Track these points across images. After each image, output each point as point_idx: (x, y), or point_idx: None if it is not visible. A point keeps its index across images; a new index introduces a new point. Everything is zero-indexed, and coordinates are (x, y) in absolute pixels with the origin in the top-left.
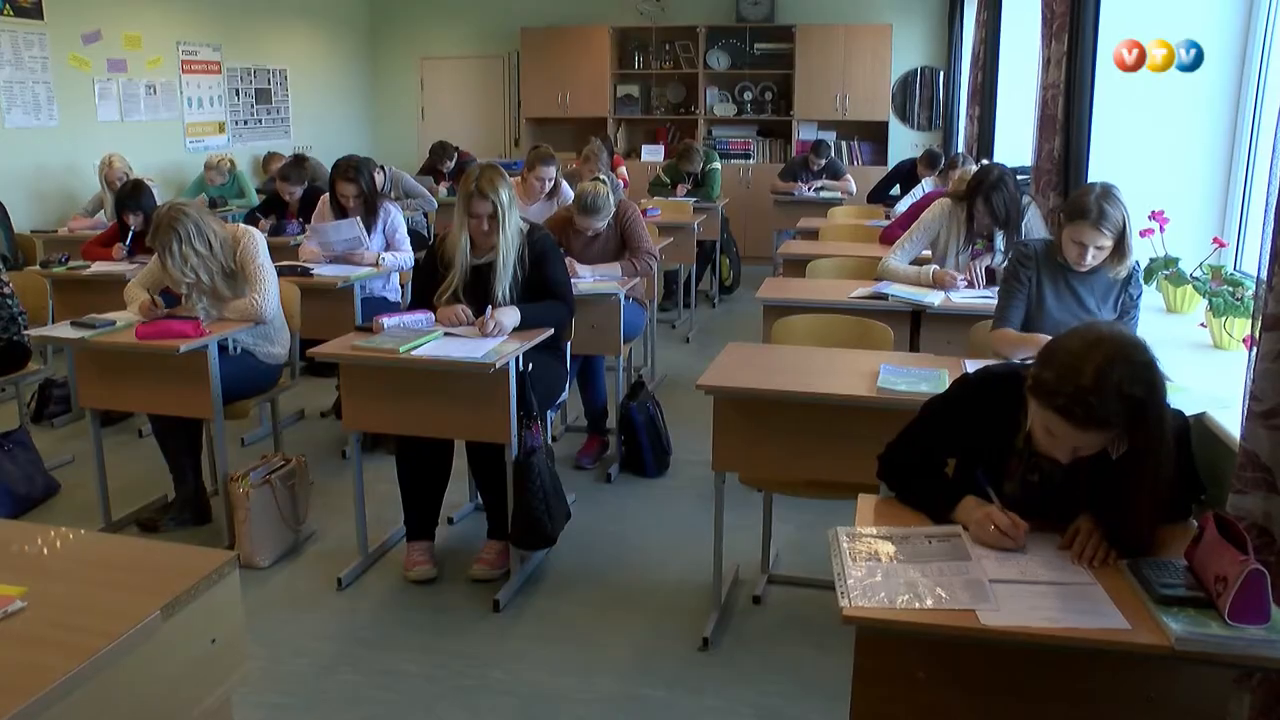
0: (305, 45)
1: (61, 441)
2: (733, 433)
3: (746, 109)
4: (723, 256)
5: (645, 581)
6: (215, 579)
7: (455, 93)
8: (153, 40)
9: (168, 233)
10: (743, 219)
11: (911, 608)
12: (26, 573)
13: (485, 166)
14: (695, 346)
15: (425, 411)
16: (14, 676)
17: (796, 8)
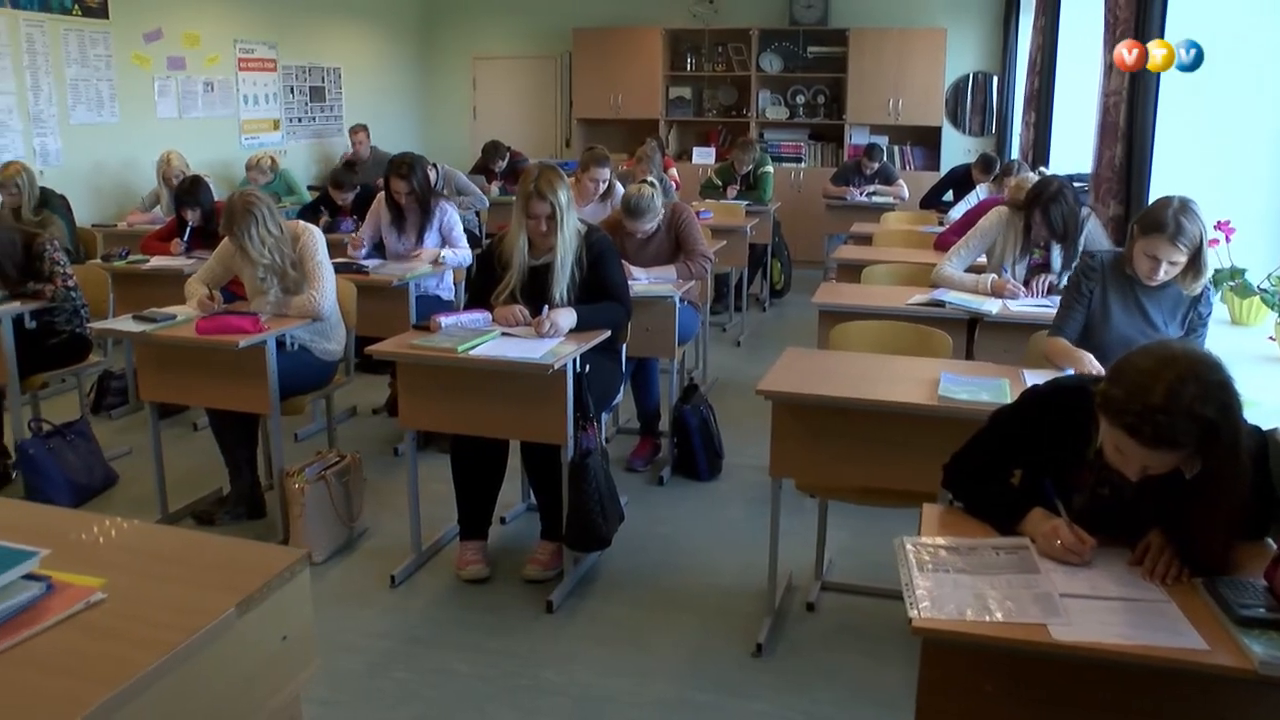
0: (359, 43)
1: (119, 433)
2: (790, 438)
3: (798, 112)
4: (774, 260)
5: (698, 585)
6: (288, 577)
7: (507, 92)
8: (211, 38)
9: (245, 216)
10: (793, 223)
11: (981, 620)
12: (105, 565)
13: (544, 167)
14: (746, 350)
15: (481, 411)
16: (98, 667)
17: (850, 11)
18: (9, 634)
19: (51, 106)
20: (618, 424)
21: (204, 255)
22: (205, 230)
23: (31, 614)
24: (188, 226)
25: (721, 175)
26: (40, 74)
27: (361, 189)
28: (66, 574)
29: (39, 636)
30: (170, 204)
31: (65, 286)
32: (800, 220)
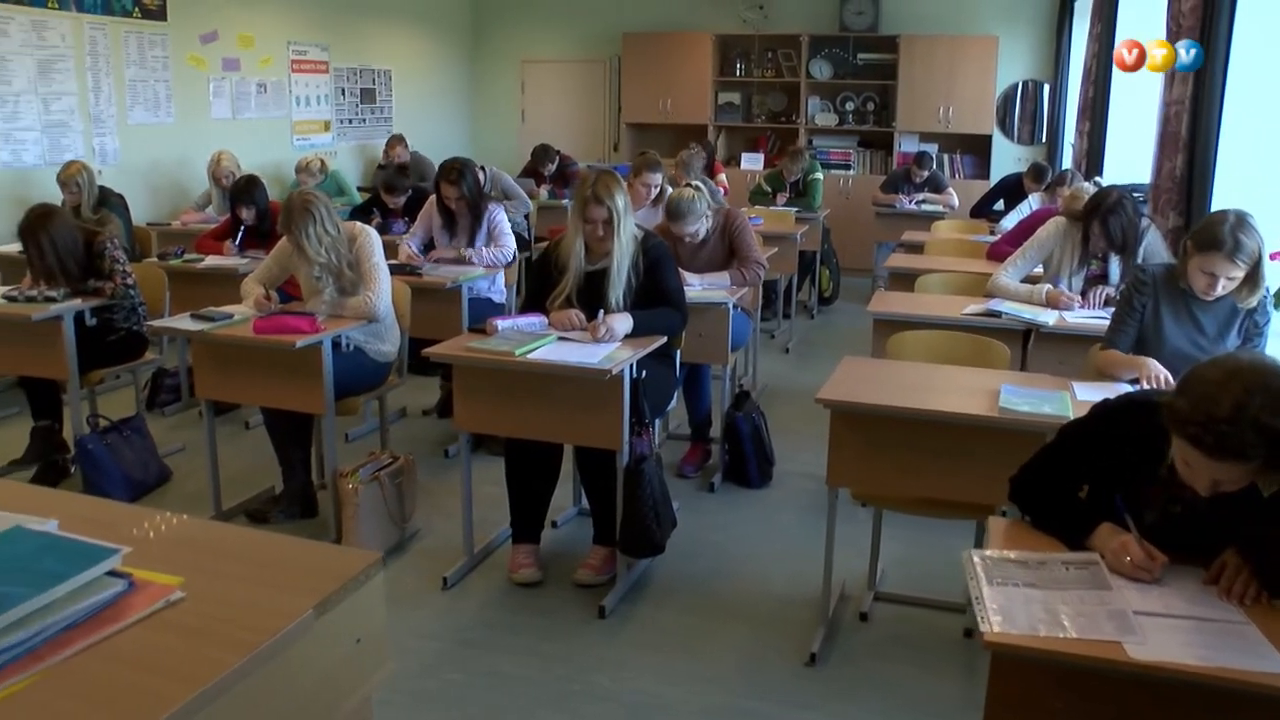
0: (409, 46)
1: (171, 430)
2: (848, 448)
3: (848, 119)
4: (823, 267)
5: (750, 593)
6: (363, 580)
7: (556, 96)
8: (265, 40)
9: (303, 215)
10: (841, 230)
11: (1055, 636)
12: (181, 563)
13: (602, 173)
14: (794, 357)
15: (537, 415)
16: (182, 665)
17: (901, 18)
18: (93, 630)
19: (111, 107)
20: (668, 430)
21: (257, 255)
22: (259, 229)
23: (114, 611)
24: (242, 225)
25: (771, 182)
26: (101, 75)
27: (413, 191)
28: (145, 571)
29: (122, 633)
30: (221, 203)
31: (125, 284)
32: (848, 227)
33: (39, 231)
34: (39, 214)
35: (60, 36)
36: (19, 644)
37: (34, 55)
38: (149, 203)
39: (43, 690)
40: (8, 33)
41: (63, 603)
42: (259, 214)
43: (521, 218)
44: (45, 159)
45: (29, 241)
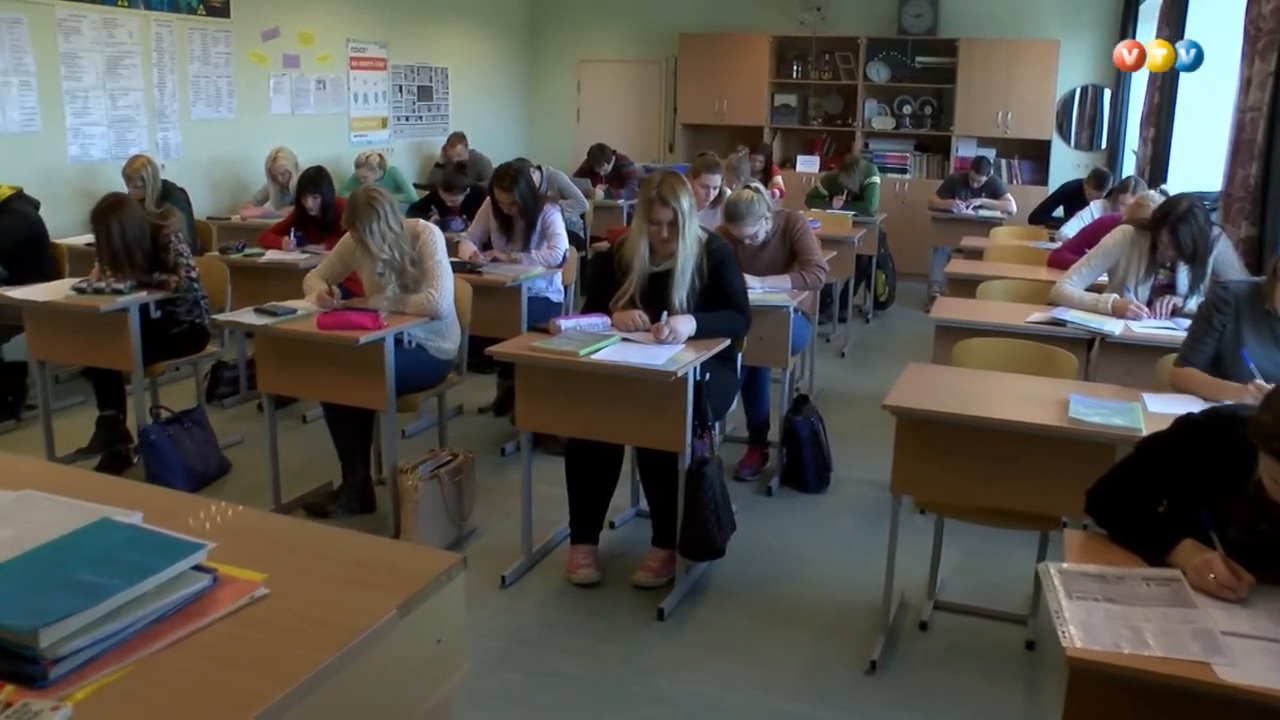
0: (466, 44)
1: (230, 422)
2: (913, 455)
3: (905, 123)
4: (879, 272)
5: (809, 598)
6: (445, 580)
7: (611, 95)
8: (325, 37)
9: (367, 211)
10: (897, 234)
11: (1139, 653)
12: (264, 559)
13: (667, 174)
14: (850, 361)
15: (599, 415)
16: (271, 662)
17: (960, 21)
18: (181, 624)
19: (174, 102)
20: (724, 432)
21: (316, 250)
22: (323, 220)
23: (200, 605)
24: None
25: (828, 185)
26: (166, 71)
27: (471, 190)
28: (228, 567)
29: (209, 628)
30: (279, 199)
31: (189, 277)
32: (904, 232)
33: (111, 218)
34: (112, 201)
35: (129, 34)
36: (113, 635)
37: (104, 52)
38: (209, 197)
39: (136, 682)
40: (80, 30)
41: (152, 596)
42: (324, 205)
43: (577, 217)
44: (111, 153)
45: (100, 227)
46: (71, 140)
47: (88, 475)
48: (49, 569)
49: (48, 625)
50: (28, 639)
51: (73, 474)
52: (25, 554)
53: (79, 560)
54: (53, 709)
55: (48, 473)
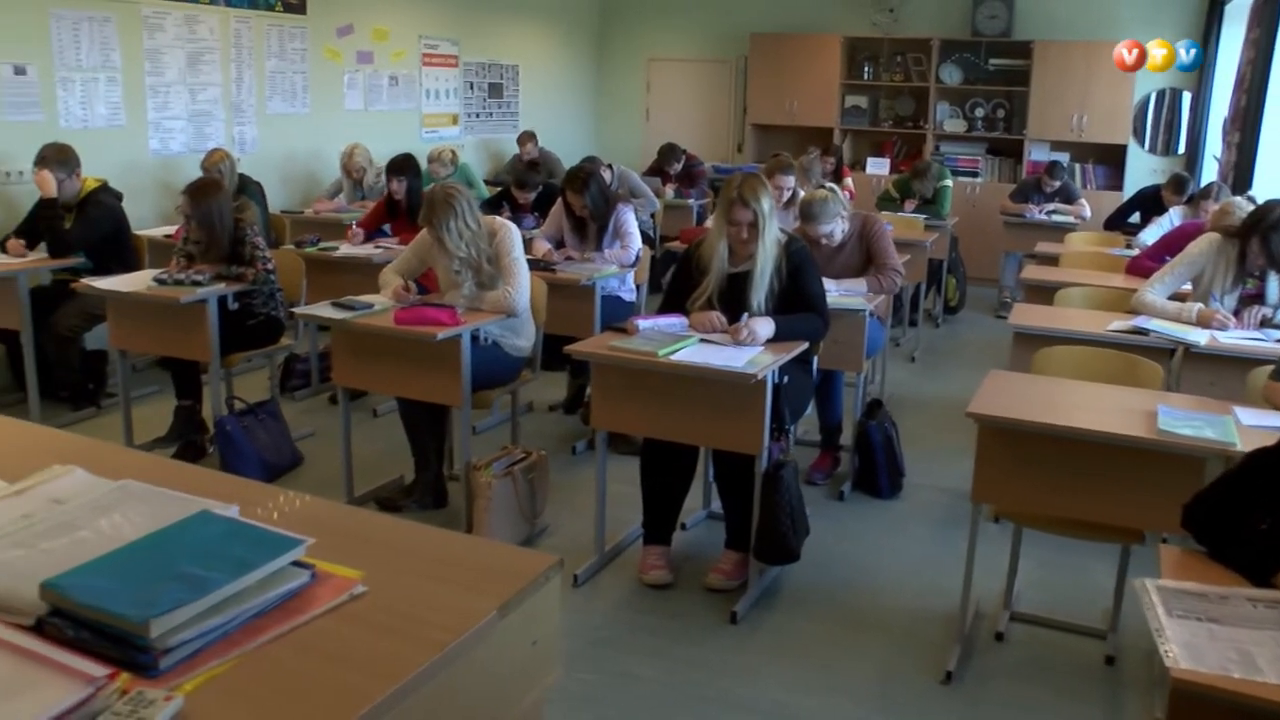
0: (537, 42)
1: (301, 414)
2: (996, 464)
3: (977, 125)
4: (949, 276)
5: (882, 605)
6: (542, 582)
7: (680, 95)
8: (398, 34)
9: (445, 208)
10: (967, 239)
11: (1251, 679)
12: (359, 556)
13: (748, 175)
14: (921, 366)
15: (676, 416)
16: (373, 660)
17: (1035, 23)
18: (281, 620)
19: (251, 97)
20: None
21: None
22: (410, 207)
23: (300, 601)
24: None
25: (899, 188)
26: (243, 67)
27: (544, 188)
28: (326, 563)
29: (309, 624)
30: (352, 194)
31: (265, 270)
32: (974, 236)
33: (206, 198)
34: (210, 182)
35: (209, 30)
36: (218, 628)
37: (185, 48)
38: (282, 191)
39: (241, 675)
40: (163, 27)
41: (254, 590)
42: (409, 190)
43: (648, 216)
44: (190, 147)
45: (195, 205)
46: (152, 134)
47: (181, 466)
48: (154, 560)
49: (158, 616)
50: (139, 628)
51: (167, 464)
52: (130, 544)
53: (182, 552)
54: (165, 699)
55: (144, 463)
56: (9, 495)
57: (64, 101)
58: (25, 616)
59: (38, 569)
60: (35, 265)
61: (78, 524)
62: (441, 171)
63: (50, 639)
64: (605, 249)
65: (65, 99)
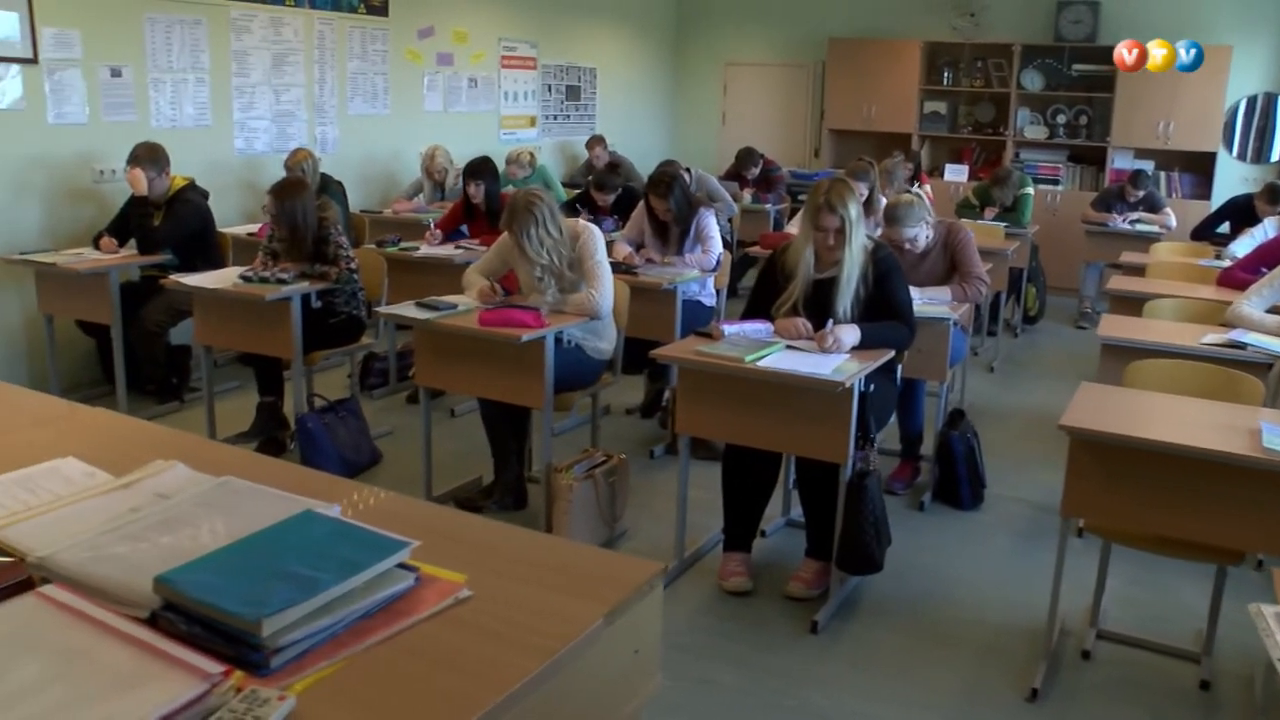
0: (614, 45)
1: (379, 413)
2: (1087, 478)
3: (1058, 132)
4: (1029, 285)
5: (965, 618)
6: (647, 590)
7: (757, 99)
8: (478, 36)
9: (525, 215)
10: (1046, 247)
11: None
12: (462, 560)
13: (836, 180)
14: (1000, 376)
15: (760, 423)
16: (480, 666)
17: (1122, 27)
18: (388, 623)
19: (333, 98)
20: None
21: (470, 246)
22: (488, 210)
23: (405, 604)
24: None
25: (979, 195)
26: (326, 68)
27: (624, 190)
28: (429, 566)
29: (415, 628)
30: (432, 195)
31: (348, 269)
32: (1054, 245)
33: (290, 197)
34: (294, 181)
35: (294, 32)
36: (326, 628)
37: (270, 50)
38: (361, 191)
39: (350, 677)
40: (250, 29)
41: (361, 591)
42: (488, 194)
43: (725, 221)
44: (273, 146)
45: (280, 204)
46: (237, 134)
47: (279, 464)
48: (262, 558)
49: (270, 615)
50: (252, 627)
51: (264, 461)
52: (237, 542)
53: (289, 552)
54: (279, 698)
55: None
56: (116, 489)
57: (155, 102)
58: (140, 609)
59: (150, 563)
60: (125, 261)
61: (183, 519)
62: (519, 173)
63: (164, 633)
64: (686, 253)
65: (156, 99)
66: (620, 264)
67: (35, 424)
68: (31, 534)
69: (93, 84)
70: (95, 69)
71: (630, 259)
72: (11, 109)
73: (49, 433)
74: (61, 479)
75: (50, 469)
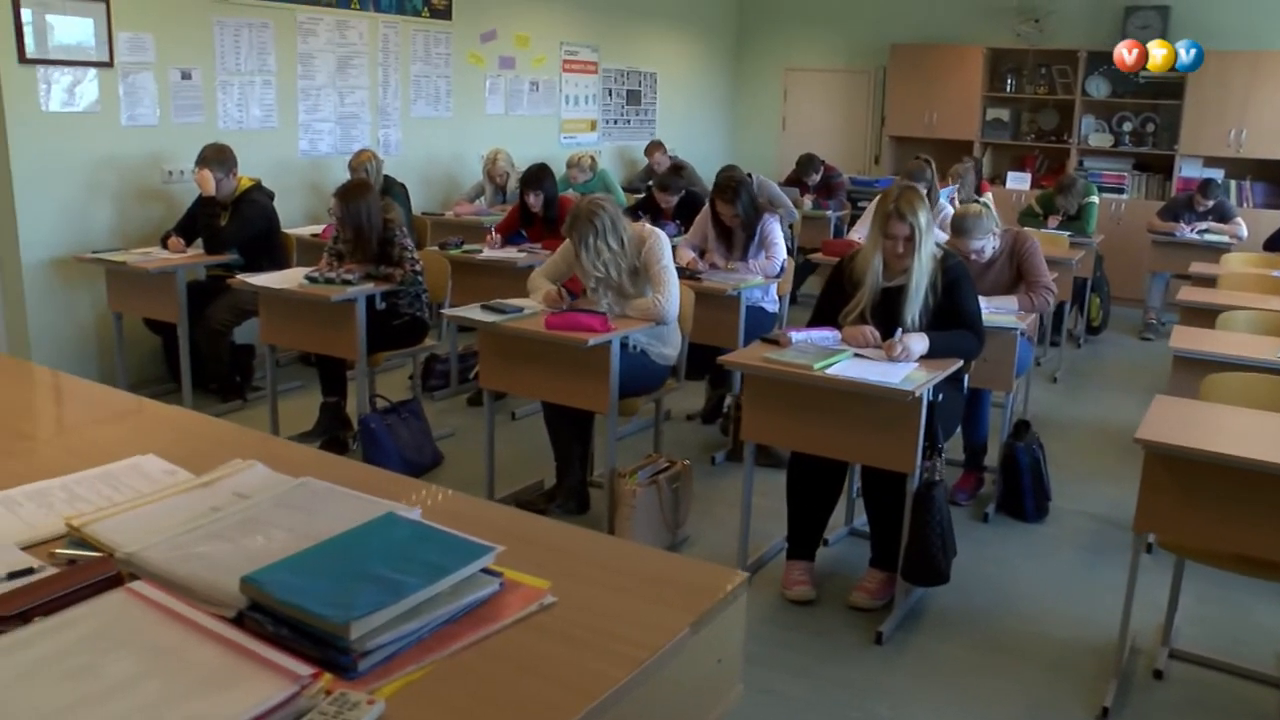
0: (675, 50)
1: (439, 415)
2: (1162, 493)
3: (1124, 140)
4: (1093, 295)
5: (1030, 633)
6: (731, 599)
7: (817, 105)
8: (539, 40)
9: (585, 225)
10: (1110, 257)
11: None
12: (544, 566)
13: (905, 187)
14: (1063, 387)
15: (827, 431)
16: (568, 674)
17: (1192, 32)
18: (473, 628)
19: (396, 100)
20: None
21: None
22: (546, 217)
23: (489, 609)
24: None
25: (1042, 204)
26: (390, 71)
27: (685, 194)
28: (512, 571)
29: (500, 634)
30: (493, 198)
31: (413, 271)
32: (1118, 255)
33: (355, 199)
34: (359, 183)
35: (359, 35)
36: (413, 633)
37: (335, 53)
38: (423, 193)
39: (437, 682)
40: (316, 32)
41: (446, 596)
42: (546, 202)
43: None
44: (336, 148)
45: (345, 205)
46: (302, 135)
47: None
48: (346, 561)
49: (359, 618)
50: (341, 629)
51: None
52: (321, 544)
53: (374, 555)
54: (368, 701)
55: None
56: (196, 487)
57: (222, 104)
58: (226, 609)
59: (233, 563)
60: (192, 261)
61: (264, 520)
62: (580, 177)
63: (250, 633)
64: (750, 259)
65: (224, 101)
66: (684, 269)
67: (111, 419)
68: (118, 530)
69: (163, 86)
70: (166, 72)
71: (694, 264)
72: (87, 111)
73: (123, 428)
74: (142, 476)
75: (131, 465)
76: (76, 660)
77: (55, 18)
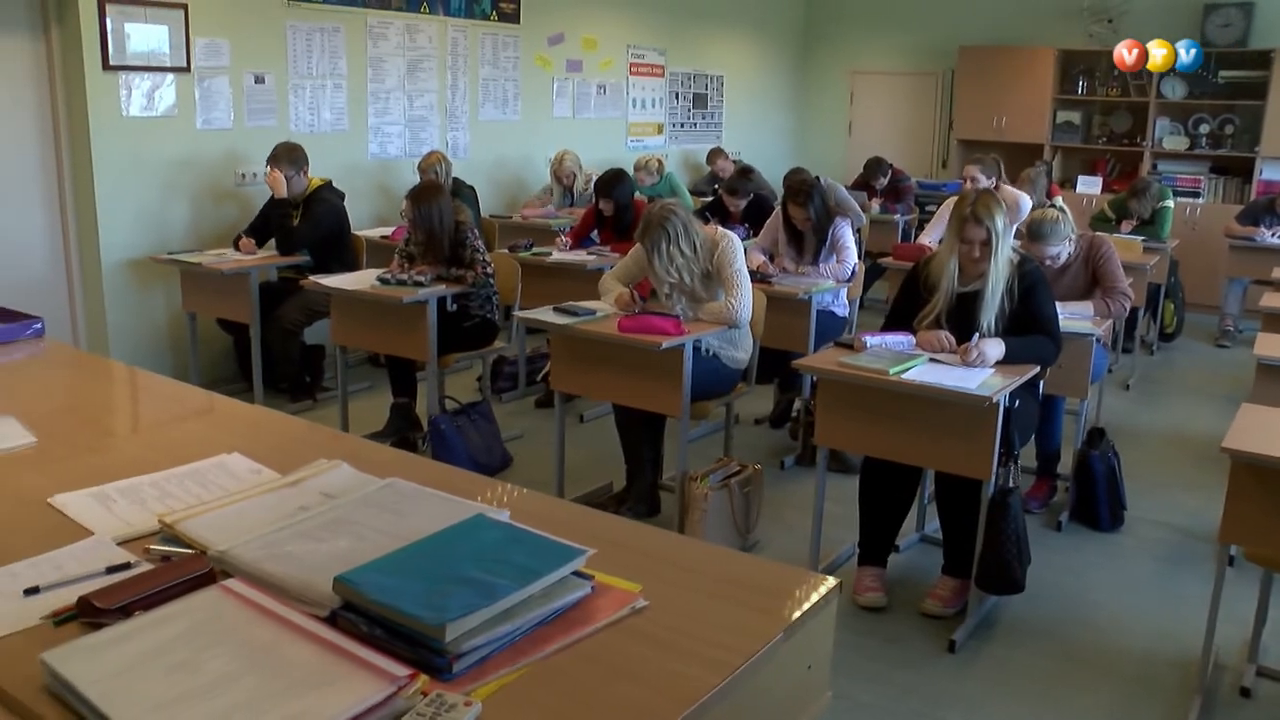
0: (742, 53)
1: (508, 417)
2: (1249, 503)
3: (1200, 143)
4: (1167, 301)
5: (1107, 644)
6: (822, 605)
7: (884, 108)
8: (607, 43)
9: (657, 231)
10: (1185, 262)
11: None
12: (635, 569)
13: (983, 191)
14: (1136, 394)
15: (902, 436)
16: (662, 679)
17: (1277, 29)
18: (565, 630)
19: (464, 104)
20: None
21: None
22: (619, 222)
23: (580, 612)
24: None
25: (1115, 208)
26: (459, 74)
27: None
28: (604, 575)
29: (593, 637)
30: (561, 200)
31: (485, 273)
32: (1193, 260)
33: (427, 201)
34: (431, 185)
35: (428, 39)
36: (506, 635)
37: (405, 56)
38: (491, 196)
39: (532, 685)
40: (386, 36)
41: (539, 599)
42: (618, 208)
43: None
44: (406, 151)
45: (417, 208)
46: (372, 138)
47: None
48: (438, 562)
49: (453, 620)
50: (436, 631)
51: (424, 463)
52: (412, 545)
53: (465, 557)
54: (465, 704)
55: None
56: (283, 486)
57: (294, 107)
58: (320, 609)
59: (325, 562)
60: (265, 262)
61: (353, 520)
62: (647, 180)
63: (344, 633)
64: (821, 263)
65: (296, 105)
66: (755, 272)
67: (191, 416)
68: (209, 527)
69: (238, 90)
70: (241, 76)
71: (764, 268)
72: (165, 115)
73: (202, 425)
74: (229, 474)
75: (218, 464)
76: (176, 656)
77: (134, 25)
